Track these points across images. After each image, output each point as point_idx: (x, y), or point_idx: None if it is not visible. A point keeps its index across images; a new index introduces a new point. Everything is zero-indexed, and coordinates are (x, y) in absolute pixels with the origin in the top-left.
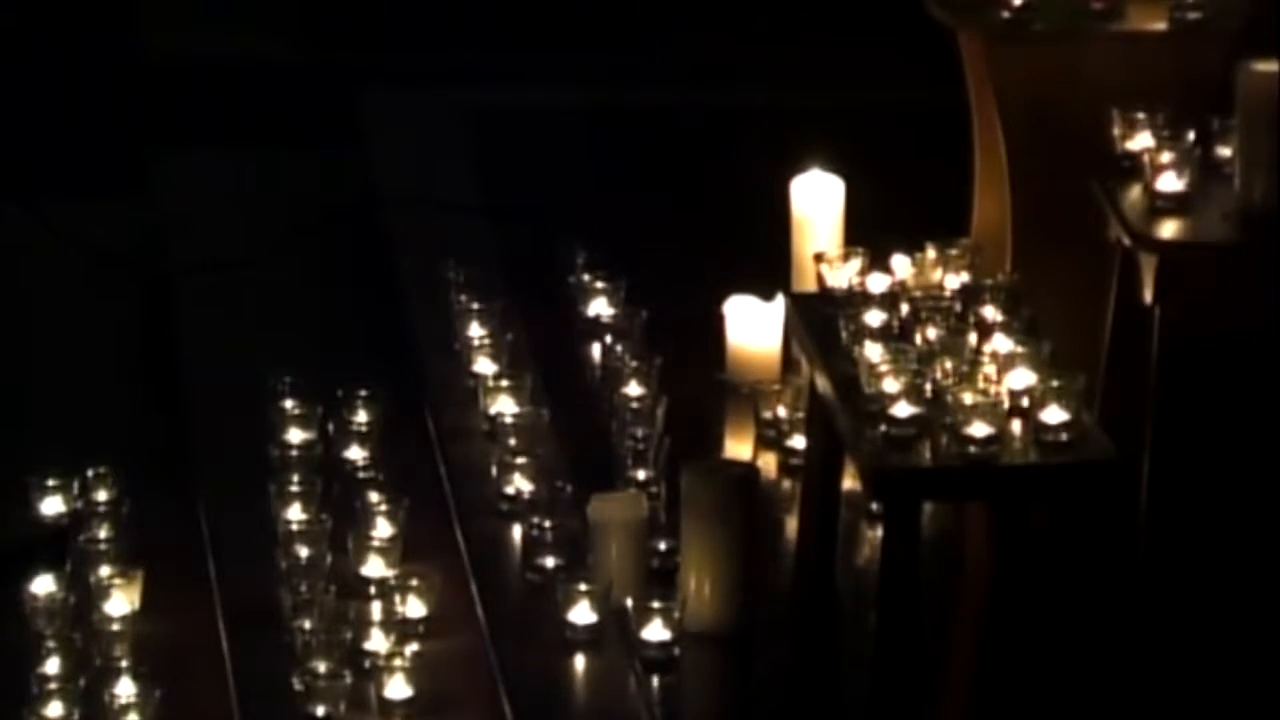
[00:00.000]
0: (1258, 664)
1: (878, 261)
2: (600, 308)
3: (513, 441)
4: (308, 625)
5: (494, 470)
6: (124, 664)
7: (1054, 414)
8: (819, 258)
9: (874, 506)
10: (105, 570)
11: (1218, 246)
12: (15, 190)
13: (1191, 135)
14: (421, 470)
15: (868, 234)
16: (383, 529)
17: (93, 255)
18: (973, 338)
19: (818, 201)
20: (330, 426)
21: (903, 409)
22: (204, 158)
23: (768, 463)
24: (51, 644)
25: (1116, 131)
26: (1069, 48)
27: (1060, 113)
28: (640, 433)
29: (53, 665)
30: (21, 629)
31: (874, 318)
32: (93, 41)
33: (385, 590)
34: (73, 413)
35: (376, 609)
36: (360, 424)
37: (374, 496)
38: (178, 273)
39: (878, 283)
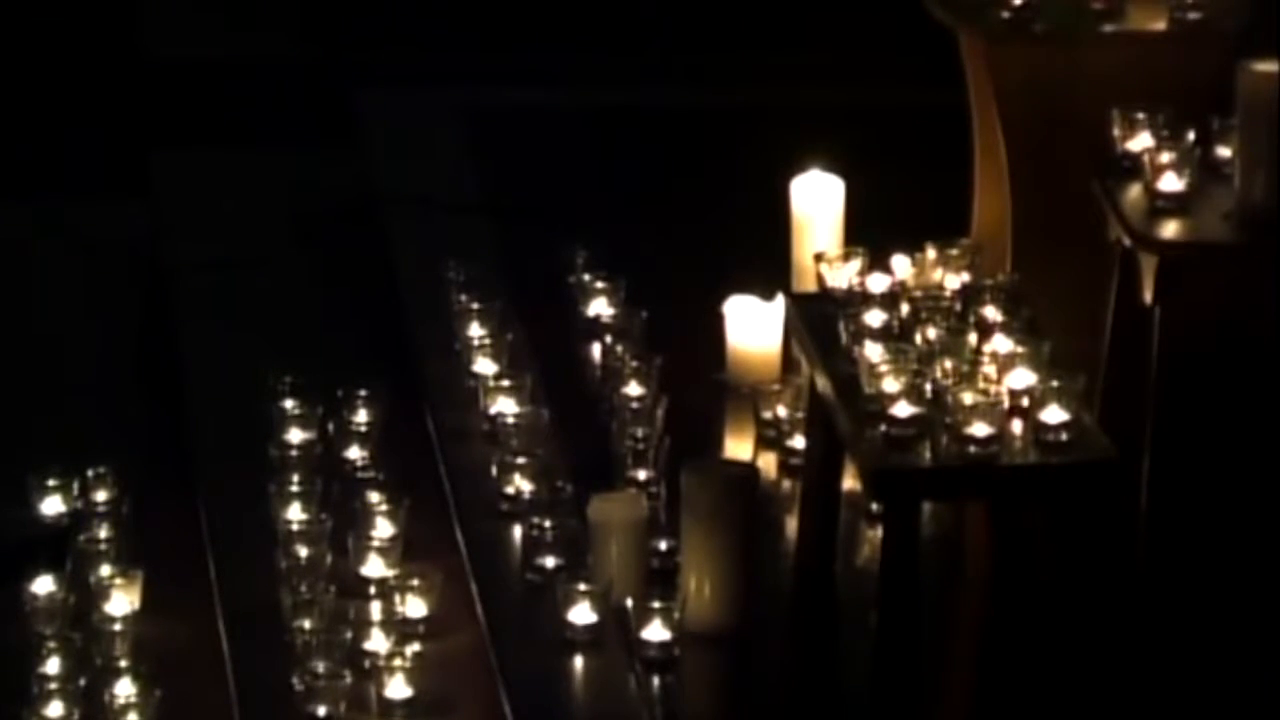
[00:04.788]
0: (1258, 664)
1: (878, 261)
2: (600, 308)
3: (513, 441)
4: (308, 625)
5: (494, 470)
6: (124, 664)
7: (1054, 414)
8: (819, 258)
9: (874, 506)
10: (105, 570)
11: (1218, 246)
12: (16, 190)
13: (1191, 135)
14: (421, 470)
15: (868, 234)
16: (383, 529)
17: (93, 255)
18: (973, 338)
19: (818, 201)
20: (330, 426)
21: (903, 409)
22: (204, 158)
23: (768, 463)
24: (51, 644)
25: (1116, 131)
26: (1069, 48)
27: (1060, 113)
28: (640, 433)
29: (53, 665)
30: (21, 629)
31: (874, 318)
32: (93, 41)
33: (385, 590)
34: (73, 412)
35: (376, 609)
36: (360, 424)
37: (374, 496)
38: (178, 273)
39: (878, 283)
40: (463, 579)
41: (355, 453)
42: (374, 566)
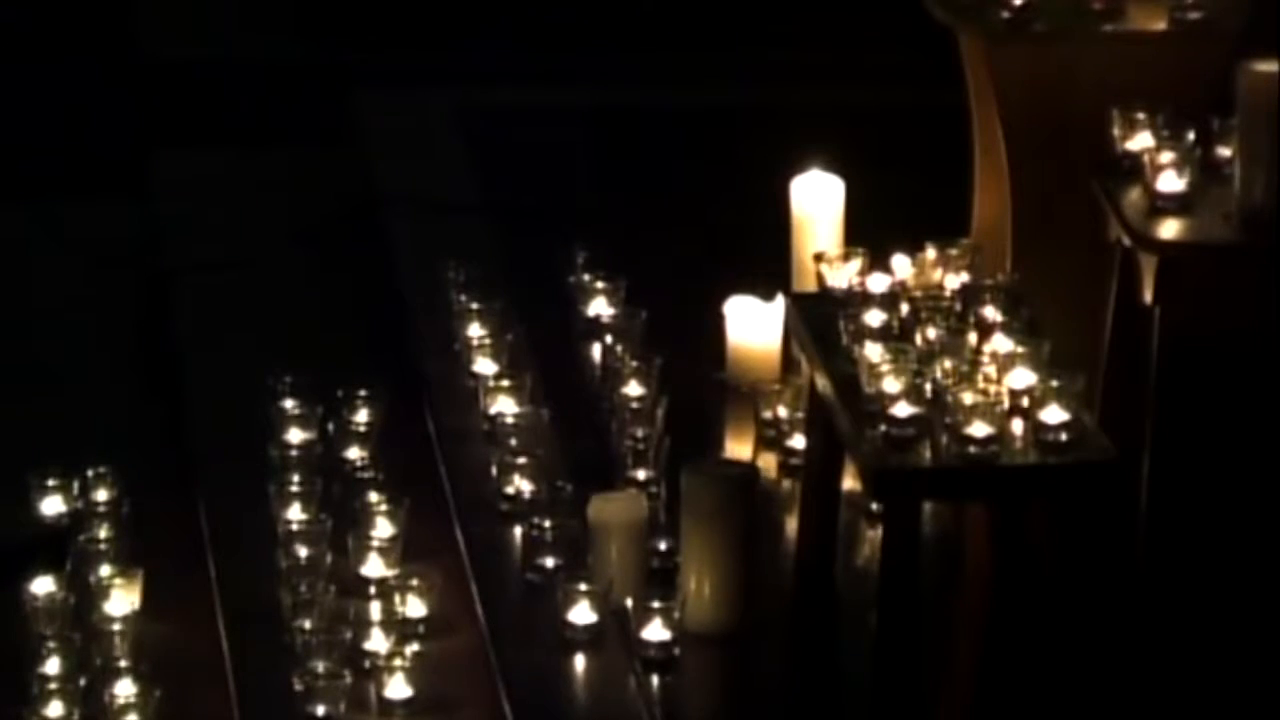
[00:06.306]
0: (1258, 664)
1: (878, 261)
2: (600, 308)
3: (513, 441)
4: (308, 625)
5: (494, 470)
6: (124, 664)
7: (1054, 414)
8: (819, 258)
9: (874, 506)
10: (105, 570)
11: (1218, 246)
12: (16, 190)
13: (1191, 135)
14: (421, 470)
15: (868, 234)
16: (383, 529)
17: (93, 255)
18: (973, 338)
19: (818, 201)
20: (330, 426)
21: (903, 409)
22: (204, 158)
23: (768, 463)
24: (51, 644)
25: (1116, 131)
26: (1069, 48)
27: (1060, 113)
28: (640, 433)
29: (53, 665)
30: (21, 629)
31: (874, 318)
32: (93, 41)
33: (385, 590)
34: (73, 412)
35: (376, 609)
36: (360, 424)
37: (374, 496)
38: (178, 273)
39: (878, 283)
40: (463, 579)
41: (355, 453)
42: (374, 566)
